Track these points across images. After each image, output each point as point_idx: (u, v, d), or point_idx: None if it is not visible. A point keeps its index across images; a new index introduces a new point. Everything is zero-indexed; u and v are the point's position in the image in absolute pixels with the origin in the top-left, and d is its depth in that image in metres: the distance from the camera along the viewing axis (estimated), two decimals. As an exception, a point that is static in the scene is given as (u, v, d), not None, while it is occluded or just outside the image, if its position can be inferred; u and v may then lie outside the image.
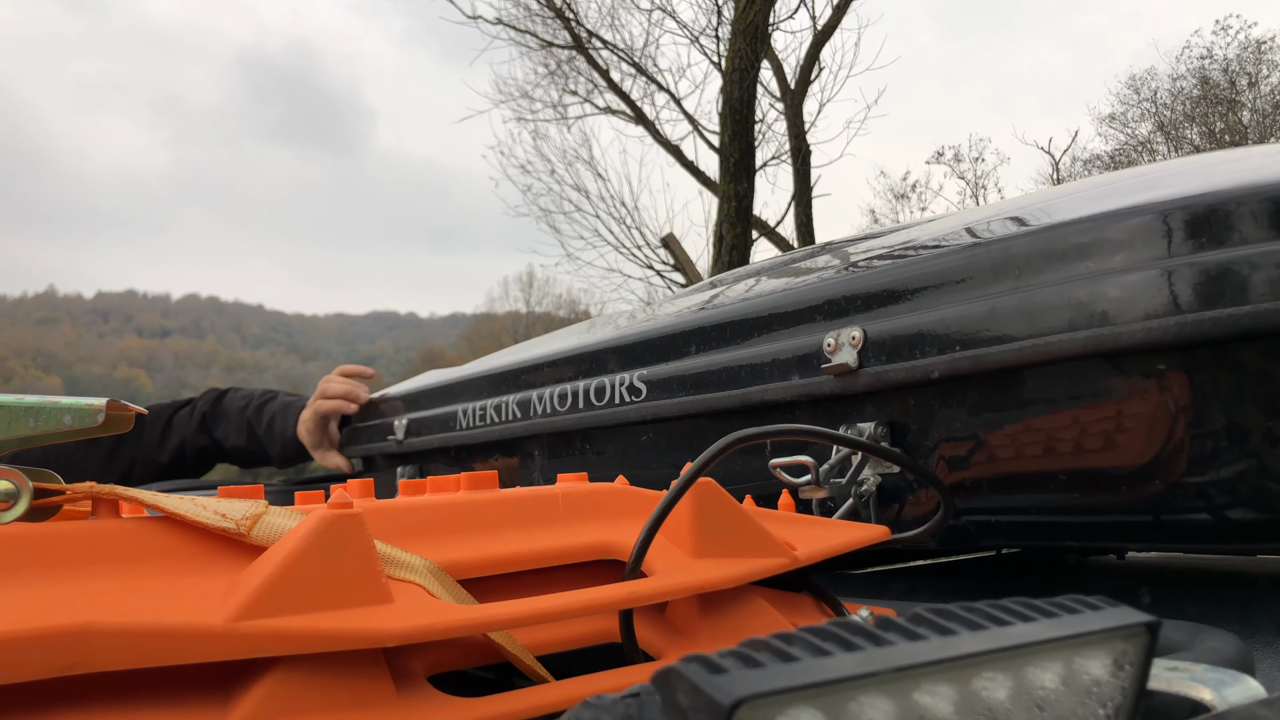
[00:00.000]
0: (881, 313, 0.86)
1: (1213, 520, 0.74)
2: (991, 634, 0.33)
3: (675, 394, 1.04)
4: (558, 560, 0.54)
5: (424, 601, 0.45)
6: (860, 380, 0.86)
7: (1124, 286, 0.70)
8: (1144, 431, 0.73)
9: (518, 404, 1.27)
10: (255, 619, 0.40)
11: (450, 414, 1.42)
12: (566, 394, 1.18)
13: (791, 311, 0.95)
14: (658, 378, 1.07)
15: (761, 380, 0.95)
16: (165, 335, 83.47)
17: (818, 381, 0.89)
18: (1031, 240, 0.77)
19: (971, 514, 0.84)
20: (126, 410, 0.44)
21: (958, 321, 0.79)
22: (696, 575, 0.53)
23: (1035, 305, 0.74)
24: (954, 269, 0.81)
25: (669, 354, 1.07)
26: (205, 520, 0.44)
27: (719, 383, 1.00)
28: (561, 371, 1.23)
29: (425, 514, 0.52)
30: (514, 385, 1.31)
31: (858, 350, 0.86)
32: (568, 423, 1.19)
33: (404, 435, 1.54)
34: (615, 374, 1.12)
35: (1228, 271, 0.68)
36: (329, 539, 0.43)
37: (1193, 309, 0.68)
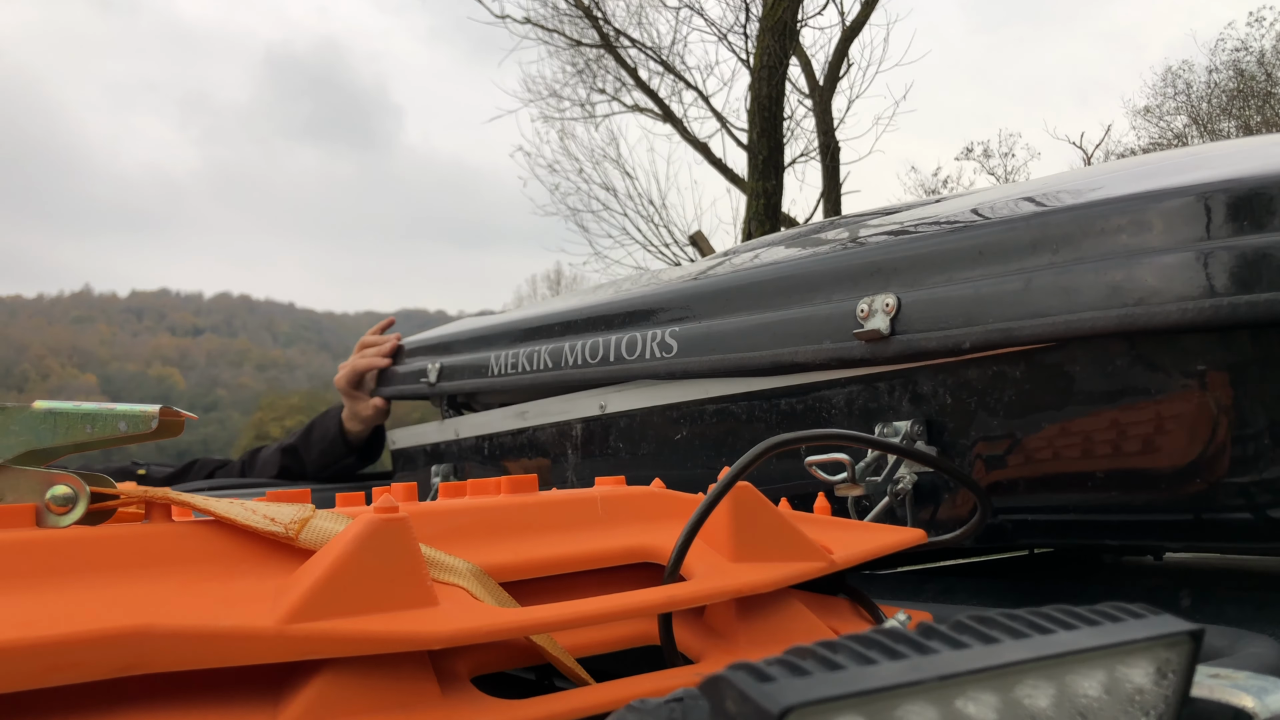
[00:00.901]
0: (916, 281, 0.86)
1: (1255, 520, 0.73)
2: (1035, 642, 0.33)
3: (705, 352, 1.04)
4: (597, 563, 0.54)
5: (468, 604, 0.46)
6: (891, 347, 0.85)
7: (1160, 267, 0.70)
8: (1184, 430, 0.73)
9: (549, 354, 1.27)
10: (305, 621, 0.41)
11: (483, 360, 1.41)
12: (599, 346, 1.18)
13: (827, 276, 0.94)
14: (689, 335, 1.06)
15: (793, 343, 0.95)
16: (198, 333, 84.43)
17: (848, 346, 0.89)
18: (1071, 216, 0.76)
19: (1008, 513, 0.84)
20: (179, 416, 0.45)
21: (993, 293, 0.79)
22: (734, 579, 0.53)
23: (1071, 281, 0.74)
24: (992, 242, 0.81)
25: (702, 313, 1.07)
26: (254, 524, 0.45)
27: (751, 343, 0.99)
28: (595, 324, 1.23)
29: (467, 517, 0.53)
30: (547, 335, 1.31)
31: (890, 317, 0.85)
32: (598, 375, 1.18)
33: (436, 379, 1.53)
34: (647, 329, 1.12)
35: (1266, 256, 0.67)
36: (376, 543, 0.44)
37: (1229, 292, 0.67)
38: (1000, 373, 0.81)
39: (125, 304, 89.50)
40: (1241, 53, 15.63)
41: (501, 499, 0.55)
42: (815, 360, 0.92)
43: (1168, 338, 0.72)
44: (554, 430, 1.34)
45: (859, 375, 0.92)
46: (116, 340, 79.42)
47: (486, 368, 1.40)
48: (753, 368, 0.98)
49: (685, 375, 1.06)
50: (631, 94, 9.80)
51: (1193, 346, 0.72)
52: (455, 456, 1.58)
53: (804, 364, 0.93)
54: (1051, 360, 0.78)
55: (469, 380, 1.45)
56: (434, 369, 1.55)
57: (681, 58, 9.46)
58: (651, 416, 1.17)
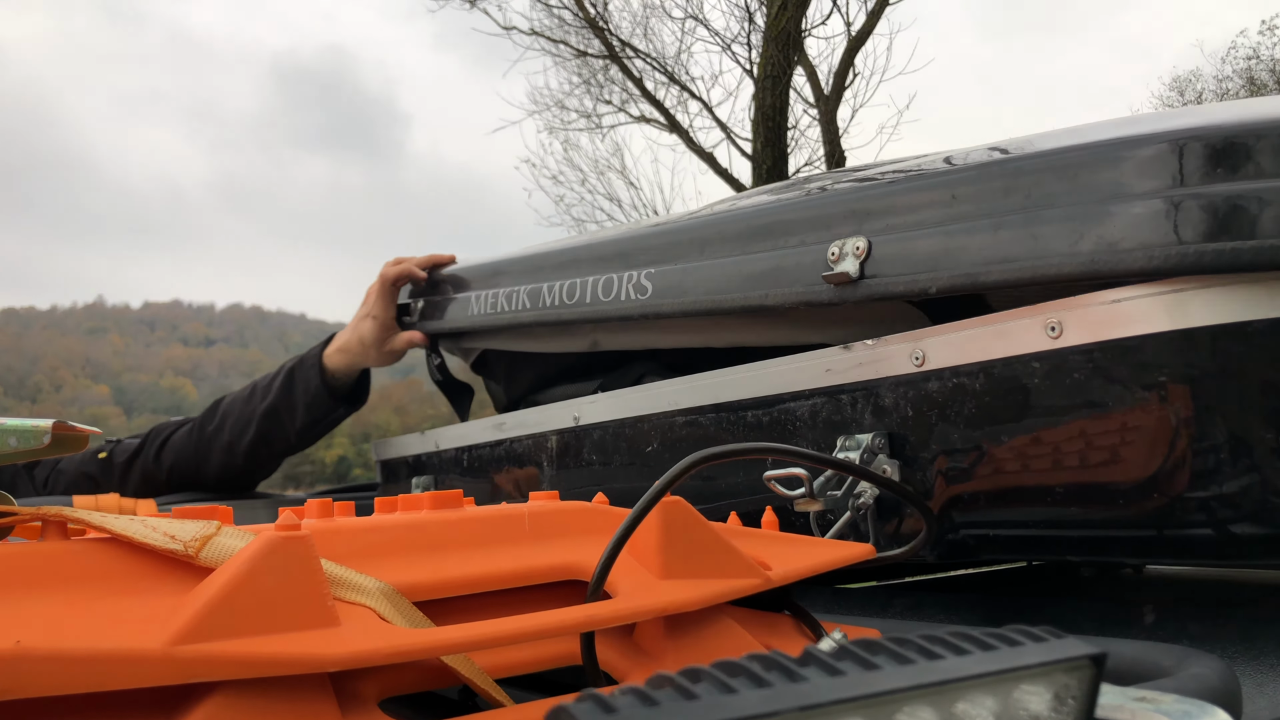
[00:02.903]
0: (889, 226, 0.85)
1: (1216, 534, 0.72)
2: (919, 668, 0.32)
3: (678, 295, 1.04)
4: (520, 581, 0.53)
5: (372, 625, 0.45)
6: (859, 290, 0.85)
7: (1130, 213, 0.70)
8: (1145, 444, 0.72)
9: (528, 294, 1.26)
10: (194, 643, 0.40)
11: (464, 299, 1.41)
12: (575, 287, 1.18)
13: (800, 221, 0.94)
14: (664, 277, 1.06)
15: (764, 286, 0.94)
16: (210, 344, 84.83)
17: (817, 290, 0.89)
18: (1045, 162, 0.76)
19: (970, 528, 0.82)
20: (74, 431, 0.44)
21: (962, 239, 0.79)
22: (661, 597, 0.52)
23: (1040, 227, 0.74)
24: (966, 188, 0.81)
25: (678, 256, 1.07)
26: (154, 542, 0.44)
27: (722, 286, 0.99)
28: (572, 266, 1.22)
29: (383, 534, 0.52)
30: (525, 276, 1.30)
31: (860, 261, 0.85)
32: (573, 315, 1.18)
33: (419, 317, 1.51)
34: (624, 271, 1.12)
35: (1236, 205, 0.67)
36: (273, 561, 0.43)
37: (1196, 240, 0.67)
38: (960, 385, 0.80)
39: (138, 315, 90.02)
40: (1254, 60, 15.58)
41: (422, 515, 0.54)
42: (784, 303, 0.92)
43: (1127, 349, 0.71)
44: (530, 442, 1.33)
45: (823, 388, 0.91)
46: (129, 351, 79.84)
47: (466, 306, 1.40)
48: (723, 310, 0.99)
49: (657, 317, 1.07)
50: (638, 104, 9.81)
51: (1153, 358, 0.70)
52: (436, 468, 1.58)
53: (773, 306, 0.94)
54: (1012, 373, 0.77)
55: (448, 318, 1.44)
56: (417, 307, 1.54)
57: (686, 68, 9.47)
58: (624, 428, 1.16)
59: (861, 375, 0.87)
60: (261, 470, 1.80)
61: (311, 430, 1.72)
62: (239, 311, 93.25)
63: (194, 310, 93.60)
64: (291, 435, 1.71)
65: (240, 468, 1.75)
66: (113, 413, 58.19)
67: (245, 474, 1.78)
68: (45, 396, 60.95)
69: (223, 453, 1.73)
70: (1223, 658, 0.67)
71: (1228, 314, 0.67)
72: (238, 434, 1.72)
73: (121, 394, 66.52)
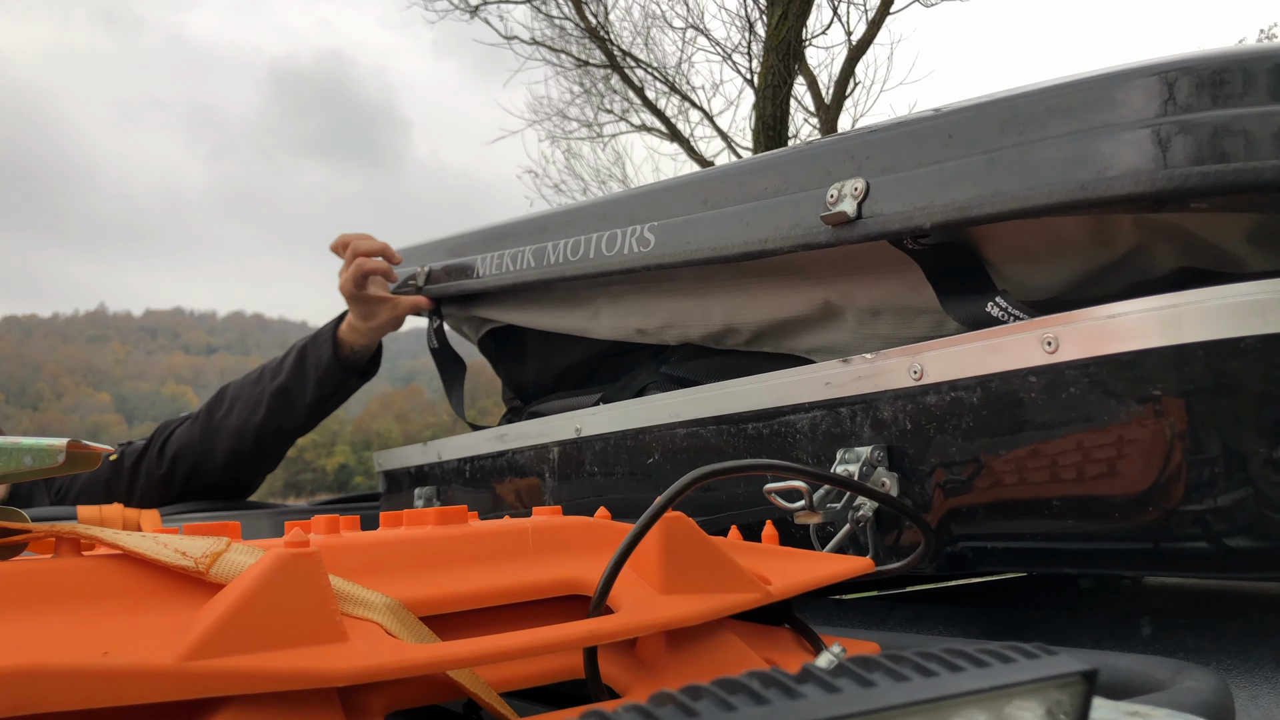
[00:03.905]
0: (886, 167, 0.87)
1: (1211, 547, 0.73)
2: (914, 685, 0.33)
3: (680, 245, 1.06)
4: (524, 596, 0.54)
5: (379, 640, 0.46)
6: (855, 230, 0.87)
7: (1118, 142, 0.72)
8: (1140, 457, 0.72)
9: (533, 254, 1.29)
10: (205, 659, 0.41)
11: (469, 263, 1.43)
12: (580, 244, 1.20)
13: (800, 167, 0.96)
14: (667, 229, 1.08)
15: (764, 231, 0.96)
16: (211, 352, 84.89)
17: (815, 230, 0.90)
18: (1038, 97, 0.78)
19: (968, 540, 0.83)
20: (88, 450, 0.45)
21: (956, 174, 0.80)
22: (662, 612, 0.53)
23: (1031, 159, 0.76)
24: (961, 126, 0.82)
25: (681, 209, 1.09)
26: (165, 558, 0.45)
27: (723, 234, 1.01)
28: (578, 224, 1.24)
29: (390, 550, 0.52)
30: (531, 237, 1.32)
31: (858, 201, 0.87)
32: (577, 270, 1.20)
33: (424, 282, 1.54)
34: (628, 226, 1.14)
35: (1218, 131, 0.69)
36: (283, 578, 0.44)
37: (1180, 164, 0.70)
38: (958, 399, 0.81)
39: (140, 323, 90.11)
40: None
41: (428, 531, 0.55)
42: (784, 246, 0.94)
43: (1123, 364, 0.72)
44: (532, 453, 1.34)
45: (823, 401, 0.92)
46: (131, 359, 79.90)
47: (472, 269, 1.42)
48: (725, 257, 1.00)
49: (659, 268, 1.09)
50: (639, 114, 9.84)
51: (1148, 373, 0.71)
52: (438, 479, 1.58)
53: (772, 250, 0.95)
54: (1009, 387, 0.78)
55: (454, 282, 1.46)
56: (422, 273, 1.55)
57: (687, 78, 9.50)
58: (625, 440, 1.17)
59: (861, 389, 0.88)
60: (269, 457, 1.78)
61: (321, 407, 1.72)
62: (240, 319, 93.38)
63: (195, 318, 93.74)
64: (300, 414, 1.70)
65: (248, 452, 1.73)
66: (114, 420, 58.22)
67: (252, 461, 1.76)
68: (47, 404, 60.98)
69: (231, 437, 1.72)
70: (1217, 671, 0.68)
71: (1221, 330, 0.67)
72: (246, 416, 1.71)
73: (123, 402, 66.56)
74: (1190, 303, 0.68)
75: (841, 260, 1.01)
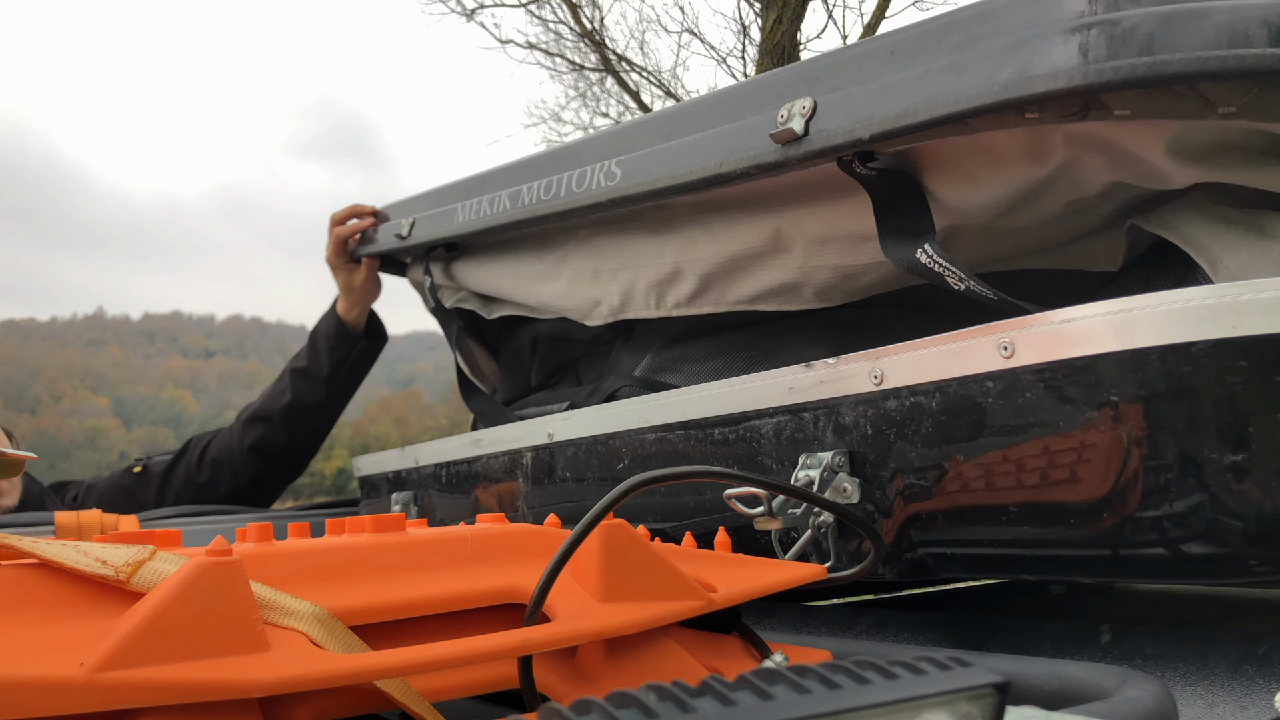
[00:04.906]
0: (834, 87, 0.90)
1: (1168, 553, 0.72)
2: (814, 698, 0.32)
3: (644, 177, 1.09)
4: (460, 605, 0.54)
5: (302, 650, 0.45)
6: (803, 146, 0.90)
7: (1044, 43, 0.75)
8: (1097, 463, 0.72)
9: (509, 196, 1.33)
10: (118, 669, 0.40)
11: (450, 210, 1.49)
12: (552, 184, 1.25)
13: (755, 94, 0.99)
14: (632, 163, 1.12)
15: (718, 156, 0.99)
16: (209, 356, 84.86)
17: (764, 150, 0.94)
18: (971, 9, 0.81)
19: (928, 546, 0.83)
20: (10, 457, 0.45)
21: (896, 87, 0.84)
22: (599, 620, 0.52)
23: (963, 67, 0.79)
24: (904, 42, 0.86)
25: (645, 142, 1.12)
26: (85, 567, 0.45)
27: (682, 163, 1.04)
28: (549, 165, 1.29)
29: (322, 558, 0.52)
30: (507, 181, 1.37)
31: (806, 119, 0.90)
32: (548, 209, 1.24)
33: (409, 231, 1.59)
34: (596, 163, 1.18)
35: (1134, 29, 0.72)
36: (202, 586, 0.43)
37: (1100, 60, 0.72)
38: (917, 404, 0.80)
39: (138, 327, 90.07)
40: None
41: (361, 539, 0.54)
42: (736, 169, 0.97)
43: (1078, 369, 0.71)
44: (506, 458, 1.34)
45: (787, 406, 0.91)
46: (129, 363, 79.86)
47: (453, 216, 1.47)
48: (684, 185, 1.04)
49: (624, 199, 1.13)
50: (634, 117, 9.83)
51: (1103, 378, 0.71)
52: (415, 484, 1.58)
53: (727, 174, 0.99)
54: (966, 392, 0.77)
55: (438, 228, 1.51)
56: (407, 224, 1.60)
57: (681, 81, 9.51)
58: (596, 445, 1.17)
59: (823, 394, 0.87)
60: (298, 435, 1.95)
61: (337, 375, 1.90)
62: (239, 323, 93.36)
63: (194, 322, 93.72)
64: (321, 385, 1.90)
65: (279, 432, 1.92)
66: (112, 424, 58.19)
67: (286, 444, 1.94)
68: (45, 408, 60.94)
69: (262, 425, 1.93)
70: (1165, 680, 0.68)
71: (1173, 334, 0.67)
72: (274, 400, 1.93)
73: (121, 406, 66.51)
74: (1143, 307, 0.68)
75: (793, 188, 1.04)
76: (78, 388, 67.38)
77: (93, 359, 76.39)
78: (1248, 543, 0.69)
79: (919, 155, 0.92)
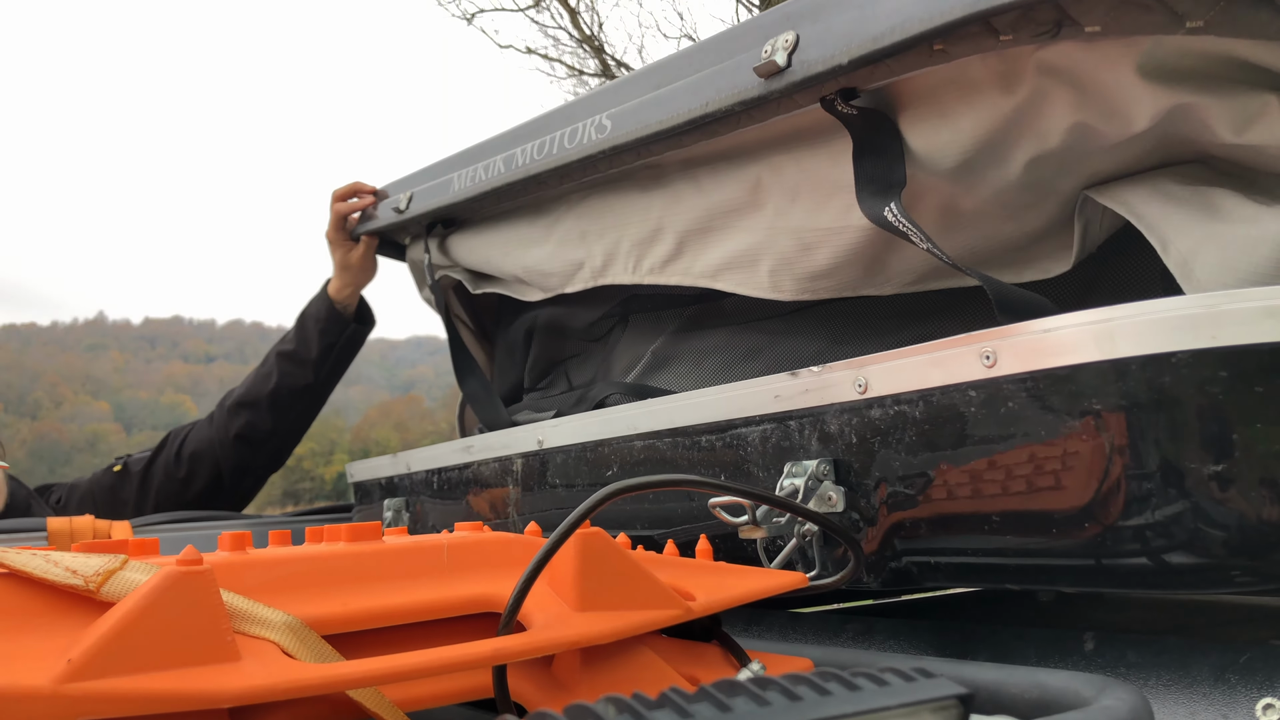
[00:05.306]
0: (816, 19, 0.92)
1: (1150, 563, 0.72)
2: (772, 710, 0.32)
3: (634, 125, 1.12)
4: (435, 614, 0.54)
5: (273, 659, 0.45)
6: (784, 78, 0.92)
7: None
8: (1080, 472, 0.72)
9: (503, 160, 1.36)
10: (85, 680, 0.40)
11: (447, 181, 1.51)
12: (545, 144, 1.27)
13: (739, 34, 1.01)
14: (622, 114, 1.14)
15: (704, 96, 1.02)
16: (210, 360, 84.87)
17: (748, 85, 0.96)
18: None
19: (912, 555, 0.83)
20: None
21: (874, 12, 0.86)
22: (574, 630, 0.52)
23: None
24: None
25: (635, 94, 1.14)
26: (55, 577, 0.45)
27: (671, 107, 1.06)
28: (543, 127, 1.31)
29: (296, 567, 0.52)
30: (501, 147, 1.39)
31: (789, 52, 0.92)
32: (542, 166, 1.26)
33: (407, 204, 1.61)
34: (588, 117, 1.20)
35: None
36: (172, 596, 0.43)
37: None
38: (901, 413, 0.80)
39: (138, 331, 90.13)
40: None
41: (337, 548, 0.54)
42: (721, 108, 1.00)
43: (1059, 379, 0.71)
44: (496, 464, 1.34)
45: (773, 414, 0.91)
46: (129, 368, 79.88)
47: (450, 186, 1.49)
48: (671, 129, 1.06)
49: (615, 152, 1.15)
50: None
51: (1084, 388, 0.71)
52: (407, 490, 1.58)
53: (713, 114, 1.01)
54: (950, 401, 0.77)
55: (435, 198, 1.53)
56: (405, 198, 1.62)
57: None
58: (585, 452, 1.17)
59: (808, 402, 0.87)
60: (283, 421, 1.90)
61: (327, 358, 1.87)
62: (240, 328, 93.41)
63: (194, 326, 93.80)
64: (310, 369, 1.86)
65: (265, 419, 1.87)
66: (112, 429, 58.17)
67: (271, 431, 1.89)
68: (45, 413, 60.94)
69: (247, 411, 1.88)
70: (1148, 688, 0.68)
71: (1153, 344, 0.67)
72: (259, 387, 1.88)
73: (121, 410, 66.53)
74: (1124, 317, 0.68)
75: (779, 136, 1.06)
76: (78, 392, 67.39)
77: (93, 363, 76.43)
78: (1230, 553, 0.69)
79: (898, 94, 0.94)
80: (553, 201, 1.41)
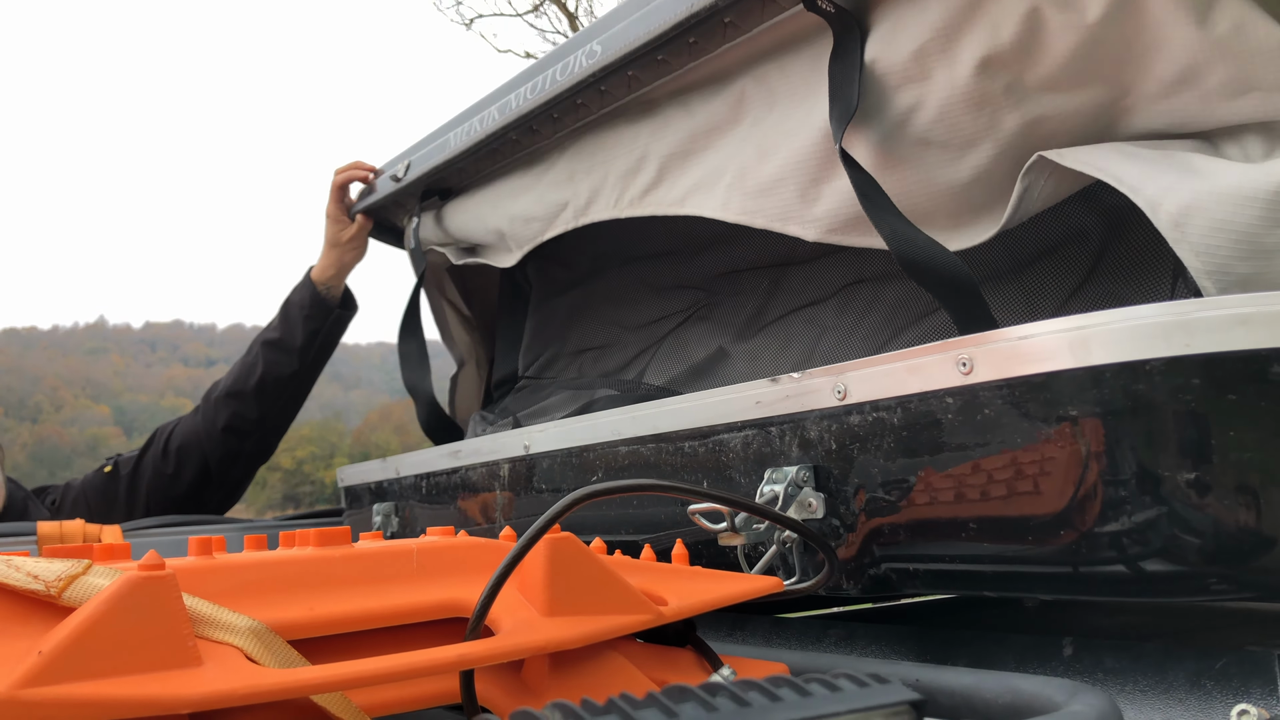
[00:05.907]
0: None
1: (1127, 570, 0.72)
2: (720, 715, 0.32)
3: (623, 43, 1.17)
4: (402, 619, 0.54)
5: (235, 664, 0.45)
6: None
7: None
8: (1057, 479, 0.72)
9: (498, 109, 1.40)
10: (42, 686, 0.40)
11: (444, 143, 1.54)
12: (539, 82, 1.32)
13: None
14: (612, 38, 1.19)
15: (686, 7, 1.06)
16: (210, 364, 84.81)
17: None
18: None
19: (891, 561, 0.83)
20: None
21: None
22: (541, 634, 0.52)
23: None
24: None
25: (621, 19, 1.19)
26: (14, 582, 0.45)
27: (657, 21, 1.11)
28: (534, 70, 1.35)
29: (262, 572, 0.52)
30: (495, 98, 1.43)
31: None
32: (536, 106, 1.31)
33: (405, 172, 1.64)
34: (579, 47, 1.25)
35: None
36: (132, 601, 0.43)
37: None
38: (880, 420, 0.80)
39: (139, 335, 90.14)
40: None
41: (304, 552, 0.54)
42: (704, 6, 1.05)
43: (1035, 386, 0.71)
44: (484, 469, 1.34)
45: (754, 420, 0.91)
46: (130, 371, 79.87)
47: (446, 145, 1.53)
48: (657, 38, 1.12)
49: (604, 72, 1.21)
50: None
51: (1059, 395, 0.71)
52: (396, 495, 1.58)
53: (698, 12, 1.06)
54: (927, 407, 0.77)
55: (433, 158, 1.56)
56: (403, 166, 1.66)
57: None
58: (571, 457, 1.17)
59: (788, 408, 0.87)
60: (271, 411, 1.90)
61: (312, 344, 1.87)
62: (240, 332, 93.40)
63: (195, 330, 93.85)
64: (295, 356, 1.86)
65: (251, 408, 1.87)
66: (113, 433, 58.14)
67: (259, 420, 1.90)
68: (46, 416, 60.93)
69: (234, 401, 1.87)
70: (1125, 693, 0.68)
71: (1127, 352, 0.67)
72: (244, 377, 1.88)
73: (122, 414, 66.50)
74: (1098, 324, 0.68)
75: (762, 48, 1.11)
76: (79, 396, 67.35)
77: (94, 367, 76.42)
78: (1205, 559, 0.69)
79: None
80: (545, 151, 1.44)
